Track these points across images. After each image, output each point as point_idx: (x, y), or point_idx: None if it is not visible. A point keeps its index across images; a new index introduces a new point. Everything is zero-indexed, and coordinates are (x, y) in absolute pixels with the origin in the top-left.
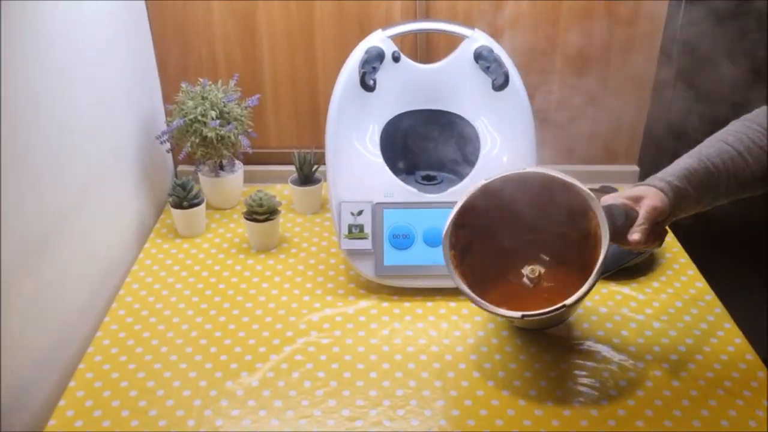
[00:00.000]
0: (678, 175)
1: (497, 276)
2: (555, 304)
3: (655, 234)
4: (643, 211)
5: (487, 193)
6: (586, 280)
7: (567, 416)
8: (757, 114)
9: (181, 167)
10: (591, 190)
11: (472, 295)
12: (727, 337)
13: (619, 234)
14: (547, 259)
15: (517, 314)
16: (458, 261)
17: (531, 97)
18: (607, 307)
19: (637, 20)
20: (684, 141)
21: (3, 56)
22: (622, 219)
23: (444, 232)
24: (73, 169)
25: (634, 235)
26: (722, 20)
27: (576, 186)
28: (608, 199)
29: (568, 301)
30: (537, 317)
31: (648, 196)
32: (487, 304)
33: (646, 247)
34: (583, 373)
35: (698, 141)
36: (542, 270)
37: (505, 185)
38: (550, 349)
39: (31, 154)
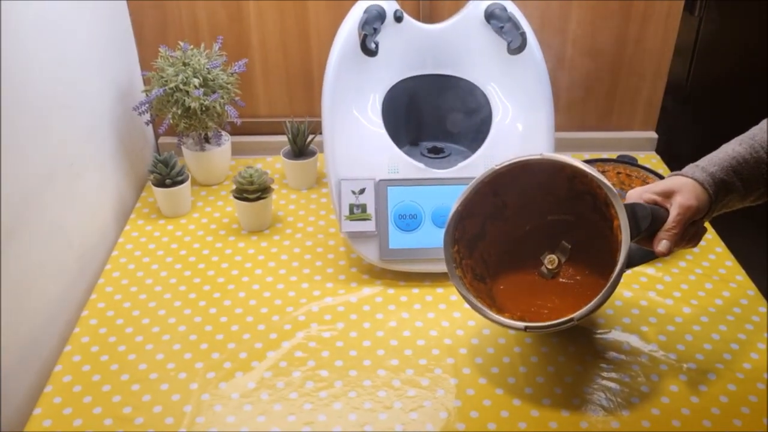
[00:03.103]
0: (723, 164)
1: (512, 263)
2: (566, 304)
3: (690, 234)
4: (674, 212)
5: (500, 179)
6: (604, 282)
7: (596, 418)
8: None
9: (162, 140)
10: (608, 160)
11: (473, 299)
12: (764, 323)
13: (644, 239)
14: (569, 246)
15: (521, 325)
16: (465, 254)
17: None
18: (631, 290)
19: None
20: (705, 109)
21: None
22: (647, 222)
23: (445, 228)
24: (40, 147)
25: (661, 246)
26: None
27: (597, 179)
28: (633, 194)
29: (576, 315)
30: (541, 330)
31: (682, 191)
32: (488, 311)
33: (678, 249)
34: (611, 366)
35: (719, 110)
36: (562, 260)
37: (519, 171)
38: (573, 341)
39: None
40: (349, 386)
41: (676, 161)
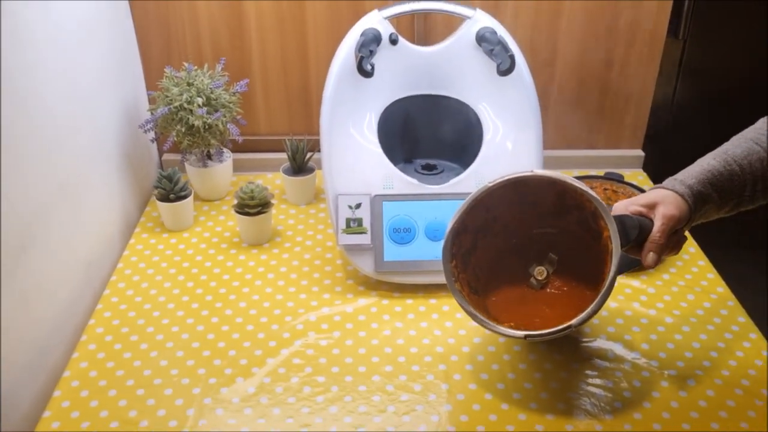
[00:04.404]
0: (700, 177)
1: (502, 275)
2: (556, 313)
3: (672, 242)
4: (658, 223)
5: (491, 195)
6: (595, 292)
7: (580, 420)
8: None
9: (166, 157)
10: (596, 176)
11: (474, 312)
12: (742, 332)
13: (632, 248)
14: (556, 257)
15: (520, 334)
16: (461, 268)
17: (533, 79)
18: (616, 301)
19: (641, 2)
20: (689, 127)
21: None
22: (635, 232)
23: (443, 243)
24: (50, 163)
25: (649, 258)
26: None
27: (587, 193)
28: (620, 207)
29: (574, 321)
30: (541, 338)
31: (664, 202)
32: (489, 322)
33: (659, 264)
34: (595, 373)
35: (704, 128)
36: (550, 271)
37: (510, 188)
38: (559, 349)
39: (4, 148)
40: (344, 391)
41: (662, 178)
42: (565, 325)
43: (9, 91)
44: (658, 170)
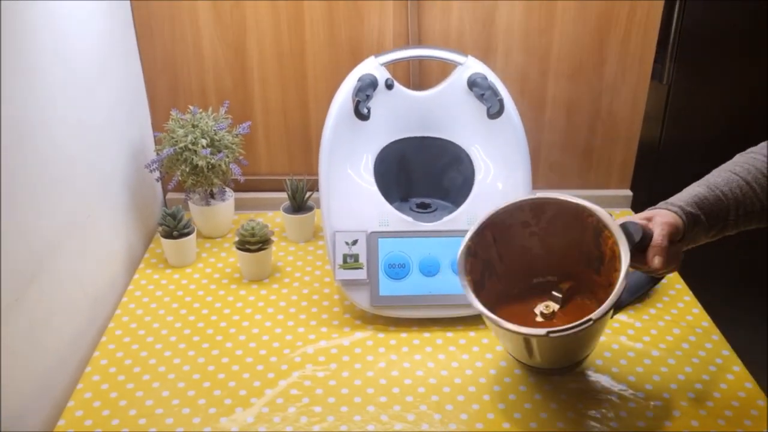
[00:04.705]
0: (689, 201)
1: (508, 313)
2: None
3: (672, 253)
4: (658, 229)
5: (495, 222)
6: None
7: None
8: (763, 146)
9: (170, 195)
10: None
11: (492, 315)
12: (726, 365)
13: (637, 252)
14: (560, 296)
15: (543, 331)
16: (477, 287)
17: (523, 121)
18: (604, 335)
19: (627, 50)
20: (676, 168)
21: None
22: (639, 234)
23: (458, 257)
24: (60, 200)
25: (655, 260)
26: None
27: (589, 207)
28: (620, 220)
29: (594, 315)
30: (563, 333)
31: (661, 214)
32: (509, 324)
33: (664, 269)
34: (582, 404)
35: (690, 168)
36: (556, 308)
37: (515, 214)
38: (548, 380)
39: (18, 185)
40: (340, 421)
41: None
42: (586, 319)
43: (23, 131)
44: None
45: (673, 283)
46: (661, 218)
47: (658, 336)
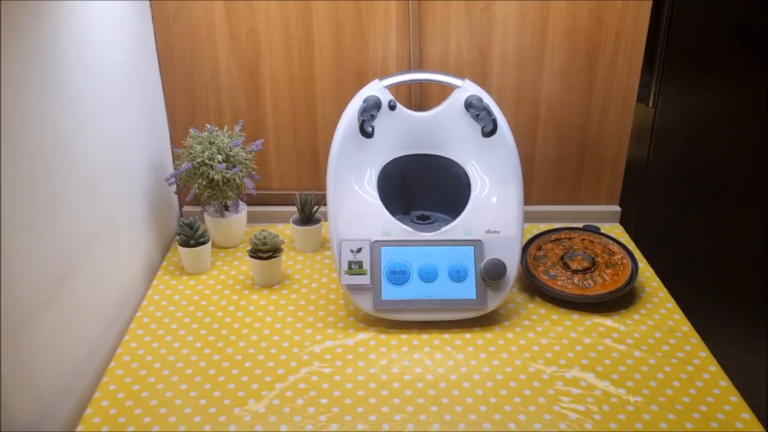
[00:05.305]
0: None
1: None
2: None
3: None
4: None
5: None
6: None
7: None
8: None
9: (186, 208)
10: (574, 228)
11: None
12: (702, 365)
13: None
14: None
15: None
16: None
17: (517, 140)
18: (591, 338)
19: (613, 75)
20: (663, 185)
21: (37, 107)
22: None
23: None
24: (89, 209)
25: None
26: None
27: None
28: None
29: None
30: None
31: None
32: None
33: None
34: (569, 398)
35: (675, 185)
36: None
37: None
38: (537, 377)
39: (56, 194)
40: (344, 411)
41: (637, 231)
42: None
43: (64, 148)
44: (634, 224)
45: (657, 292)
46: None
47: (641, 339)
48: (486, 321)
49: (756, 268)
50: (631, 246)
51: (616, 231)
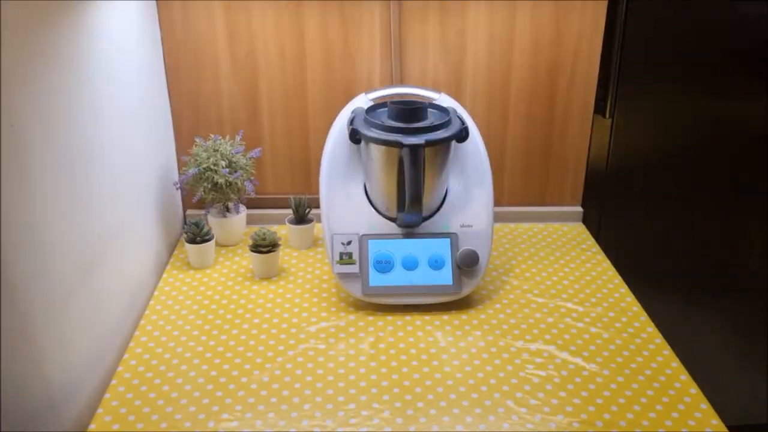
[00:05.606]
0: None
1: None
2: None
3: None
4: None
5: None
6: None
7: (519, 397)
8: None
9: (189, 211)
10: None
11: None
12: (649, 338)
13: None
14: None
15: None
16: None
17: (488, 148)
18: (553, 317)
19: (573, 91)
20: (622, 187)
21: (70, 121)
22: None
23: None
24: (111, 204)
25: None
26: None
27: None
28: None
29: None
30: None
31: None
32: None
33: None
34: (532, 366)
35: (634, 187)
36: None
37: None
38: (506, 349)
39: (84, 194)
40: (337, 379)
41: (598, 230)
42: None
43: (87, 147)
44: (595, 223)
45: (613, 279)
46: None
47: (596, 318)
48: (461, 304)
49: (703, 259)
50: (592, 241)
51: (579, 229)
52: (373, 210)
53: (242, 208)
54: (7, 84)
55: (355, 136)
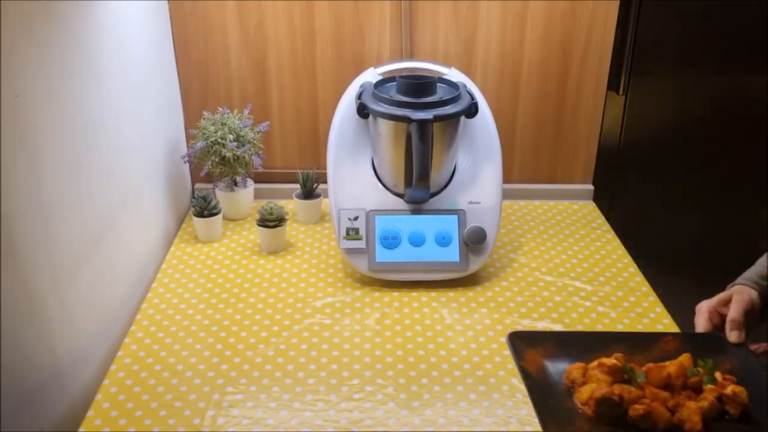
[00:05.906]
0: (762, 273)
1: None
2: None
3: (751, 318)
4: (734, 306)
5: None
6: None
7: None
8: None
9: (198, 185)
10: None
11: None
12: (657, 318)
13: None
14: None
15: None
16: None
17: (498, 124)
18: (561, 296)
19: (586, 67)
20: (633, 166)
21: (76, 93)
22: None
23: None
24: (119, 177)
25: (731, 335)
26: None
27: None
28: (703, 305)
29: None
30: None
31: (737, 292)
32: None
33: (741, 341)
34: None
35: (646, 166)
36: None
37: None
38: (513, 327)
39: (91, 166)
40: (342, 355)
41: (608, 209)
42: None
43: (95, 123)
44: (606, 202)
45: (622, 258)
46: (737, 296)
47: (604, 297)
48: (468, 281)
49: (714, 239)
50: (602, 220)
51: (590, 207)
52: (381, 185)
53: (250, 182)
54: (12, 54)
55: (363, 111)
